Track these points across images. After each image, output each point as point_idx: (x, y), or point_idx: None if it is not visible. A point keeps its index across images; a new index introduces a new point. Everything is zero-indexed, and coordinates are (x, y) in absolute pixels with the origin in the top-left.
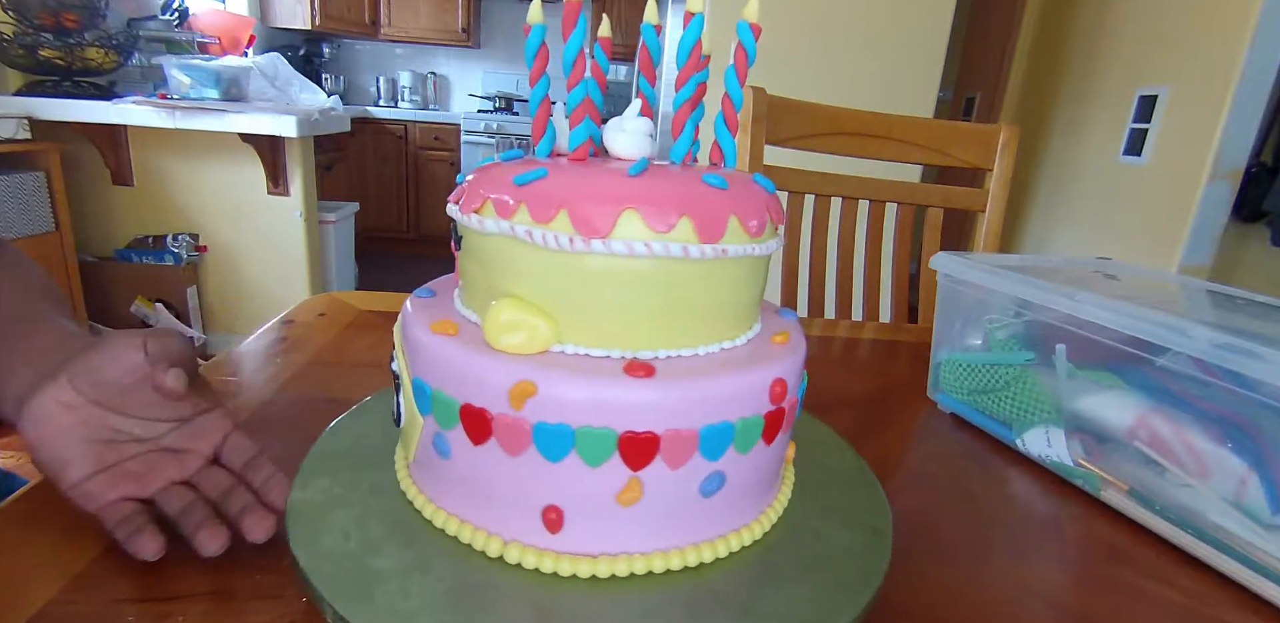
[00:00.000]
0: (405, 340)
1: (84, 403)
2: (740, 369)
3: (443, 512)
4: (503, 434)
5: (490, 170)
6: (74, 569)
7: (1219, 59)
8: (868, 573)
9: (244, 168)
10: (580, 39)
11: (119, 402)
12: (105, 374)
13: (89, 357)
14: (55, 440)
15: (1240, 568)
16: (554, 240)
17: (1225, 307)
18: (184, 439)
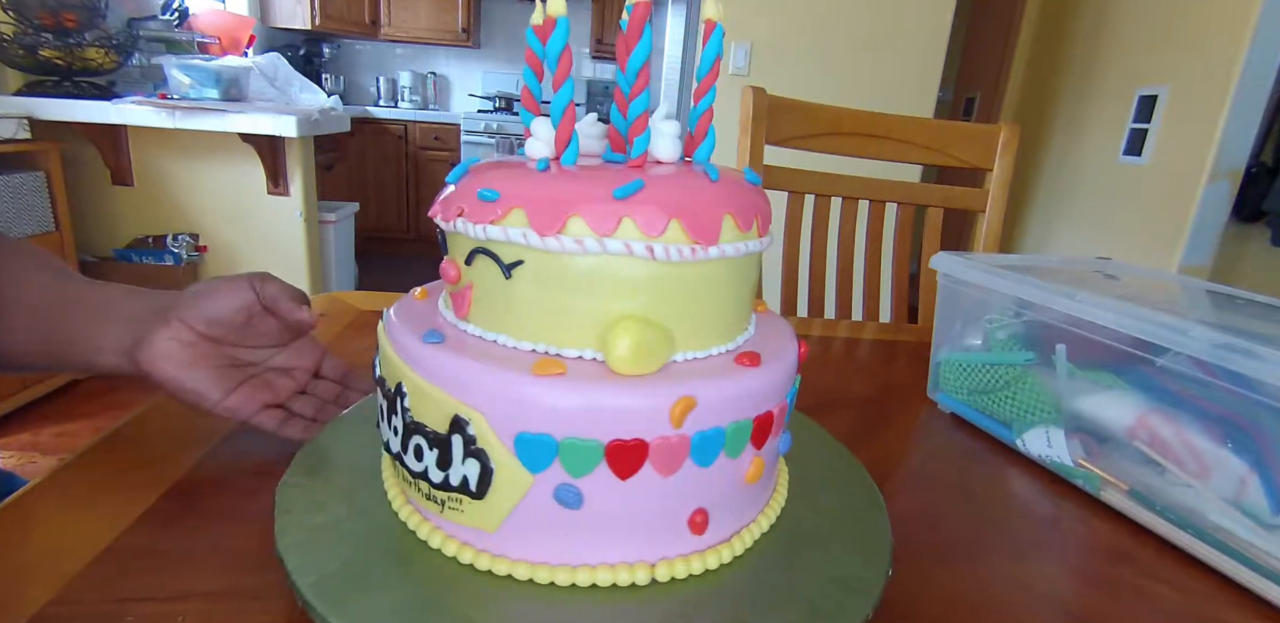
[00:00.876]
0: (495, 402)
1: (198, 339)
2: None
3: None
4: (659, 457)
5: (553, 185)
6: (74, 569)
7: (1219, 59)
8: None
9: (244, 168)
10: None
11: (232, 335)
12: (219, 313)
13: (198, 300)
14: (184, 372)
15: (1240, 568)
16: (668, 252)
17: (1225, 307)
18: (290, 359)
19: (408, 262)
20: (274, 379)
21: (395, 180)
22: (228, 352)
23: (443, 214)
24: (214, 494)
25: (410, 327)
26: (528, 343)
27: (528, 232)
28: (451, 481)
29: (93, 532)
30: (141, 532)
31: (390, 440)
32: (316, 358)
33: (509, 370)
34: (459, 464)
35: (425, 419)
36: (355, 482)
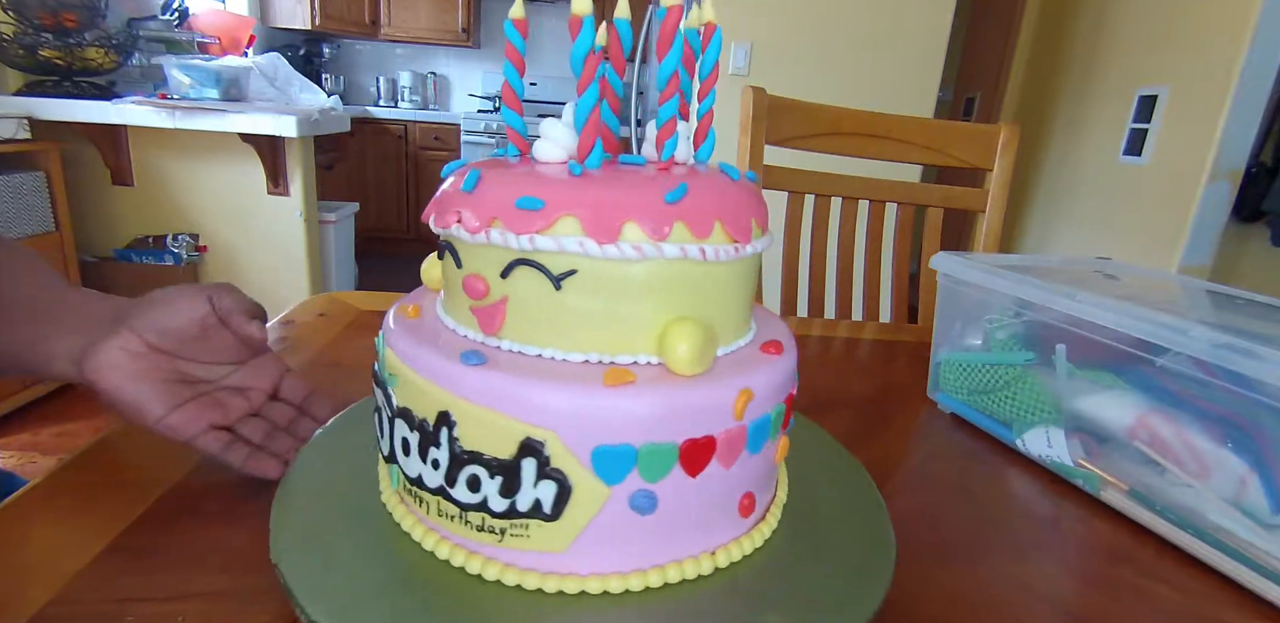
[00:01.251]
0: (569, 418)
1: (148, 350)
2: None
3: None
4: (724, 450)
5: (601, 191)
6: (74, 569)
7: (1219, 59)
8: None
9: (244, 168)
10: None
11: (184, 349)
12: (171, 324)
13: (152, 310)
14: (128, 384)
15: (1240, 568)
16: (717, 253)
17: (1225, 307)
18: (246, 379)
19: (408, 262)
20: (225, 399)
21: (395, 180)
22: (179, 366)
23: (465, 225)
24: (213, 495)
25: (434, 350)
26: (578, 354)
27: (584, 240)
28: (519, 507)
29: (93, 532)
30: (141, 532)
31: (424, 476)
32: (275, 378)
33: (579, 384)
34: (529, 488)
35: (483, 448)
36: (353, 523)
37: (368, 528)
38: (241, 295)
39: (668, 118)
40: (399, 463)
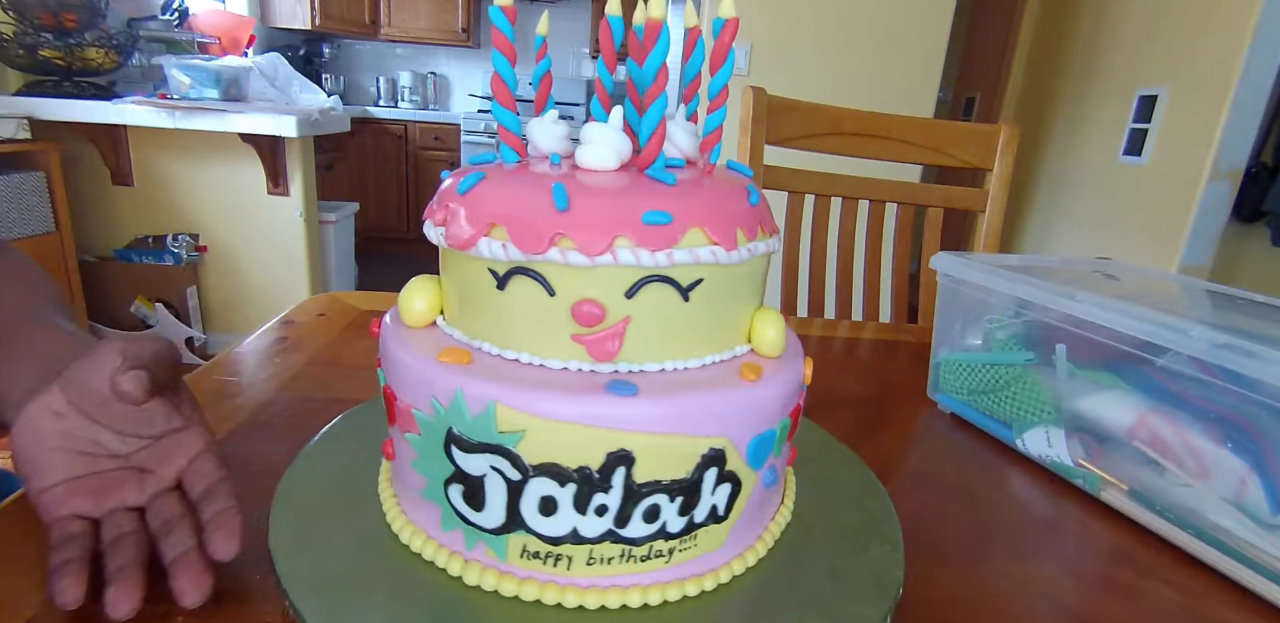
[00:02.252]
0: (741, 421)
1: (73, 412)
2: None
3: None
4: (800, 412)
5: (707, 199)
6: None
7: (1219, 59)
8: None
9: (244, 168)
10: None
11: (100, 412)
12: (89, 383)
13: (78, 364)
14: (34, 447)
15: (1240, 568)
16: (767, 248)
17: (1225, 307)
18: (152, 459)
19: (408, 262)
20: (119, 481)
21: (395, 180)
22: (95, 436)
23: (581, 249)
24: None
25: (565, 393)
26: (699, 359)
27: (715, 249)
28: (696, 518)
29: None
30: None
31: (579, 529)
32: (182, 463)
33: (736, 386)
34: (708, 497)
35: (663, 474)
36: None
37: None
38: (150, 346)
39: (715, 125)
40: (527, 529)
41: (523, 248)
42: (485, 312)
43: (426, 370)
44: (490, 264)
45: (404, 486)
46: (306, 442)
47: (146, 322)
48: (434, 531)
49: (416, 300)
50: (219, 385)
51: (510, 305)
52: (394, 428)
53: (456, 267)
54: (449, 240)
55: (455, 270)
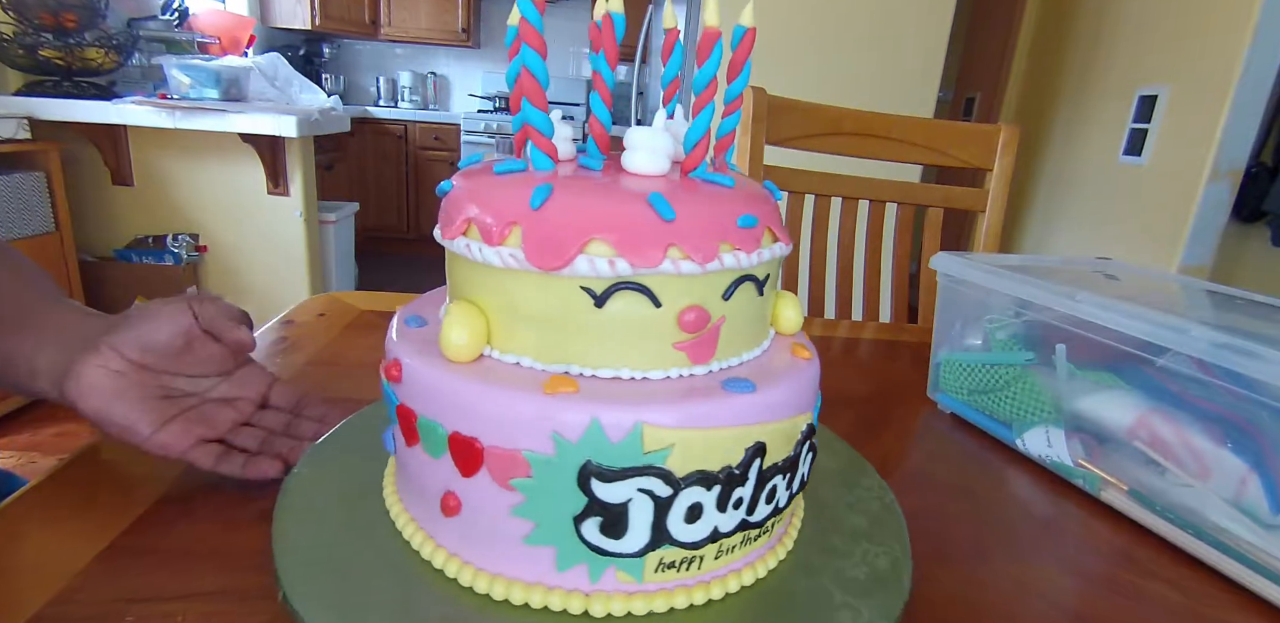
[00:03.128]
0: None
1: (130, 367)
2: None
3: None
4: None
5: (759, 200)
6: (74, 569)
7: (1219, 59)
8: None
9: (244, 168)
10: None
11: (168, 363)
12: (155, 339)
13: (134, 326)
14: (110, 405)
15: (1240, 568)
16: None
17: (1225, 307)
18: (233, 390)
19: (408, 262)
20: (213, 411)
21: (395, 180)
22: (163, 382)
23: (692, 257)
24: (213, 494)
25: (699, 400)
26: (759, 348)
27: (780, 245)
28: (793, 489)
29: (93, 532)
30: (141, 532)
31: (720, 526)
32: (263, 387)
33: (808, 364)
34: (803, 467)
35: (779, 457)
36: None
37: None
38: (224, 304)
39: (729, 129)
40: (671, 542)
41: (633, 262)
42: (577, 332)
43: (538, 407)
44: (586, 282)
45: (487, 539)
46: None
47: None
48: (545, 575)
49: (464, 333)
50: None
51: (610, 322)
52: (471, 480)
53: (532, 289)
54: (533, 261)
55: (529, 293)
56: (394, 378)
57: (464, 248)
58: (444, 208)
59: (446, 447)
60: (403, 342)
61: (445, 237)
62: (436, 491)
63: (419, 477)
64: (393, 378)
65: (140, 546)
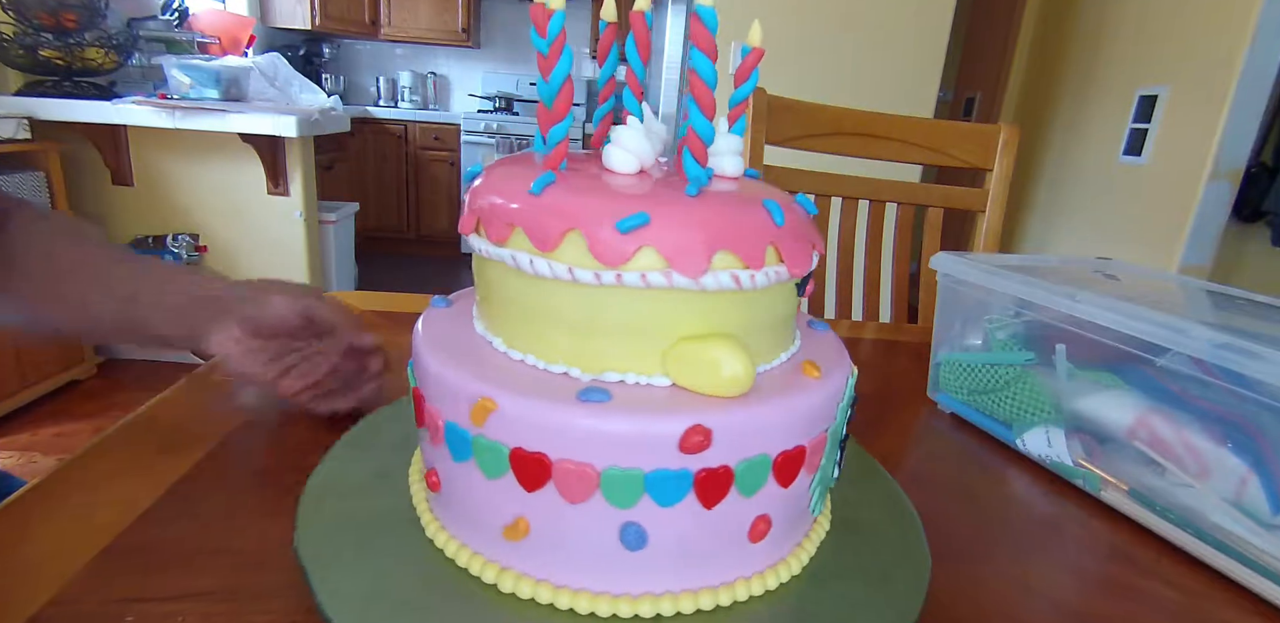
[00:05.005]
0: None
1: (248, 339)
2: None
3: None
4: None
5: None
6: (74, 569)
7: (1219, 59)
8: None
9: (244, 168)
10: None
11: (275, 340)
12: (269, 324)
13: (253, 309)
14: (239, 363)
15: (1240, 568)
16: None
17: (1225, 307)
18: (326, 346)
19: (408, 262)
20: (312, 363)
21: (395, 180)
22: (270, 346)
23: (818, 251)
24: (214, 494)
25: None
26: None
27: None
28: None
29: (93, 532)
30: (141, 532)
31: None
32: (343, 344)
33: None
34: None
35: None
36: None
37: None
38: (334, 306)
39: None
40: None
41: (799, 270)
42: (777, 336)
43: None
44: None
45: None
46: (306, 442)
47: None
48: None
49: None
50: (219, 386)
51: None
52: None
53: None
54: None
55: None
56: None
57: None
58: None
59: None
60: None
61: (614, 263)
62: (601, 530)
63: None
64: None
65: (140, 546)
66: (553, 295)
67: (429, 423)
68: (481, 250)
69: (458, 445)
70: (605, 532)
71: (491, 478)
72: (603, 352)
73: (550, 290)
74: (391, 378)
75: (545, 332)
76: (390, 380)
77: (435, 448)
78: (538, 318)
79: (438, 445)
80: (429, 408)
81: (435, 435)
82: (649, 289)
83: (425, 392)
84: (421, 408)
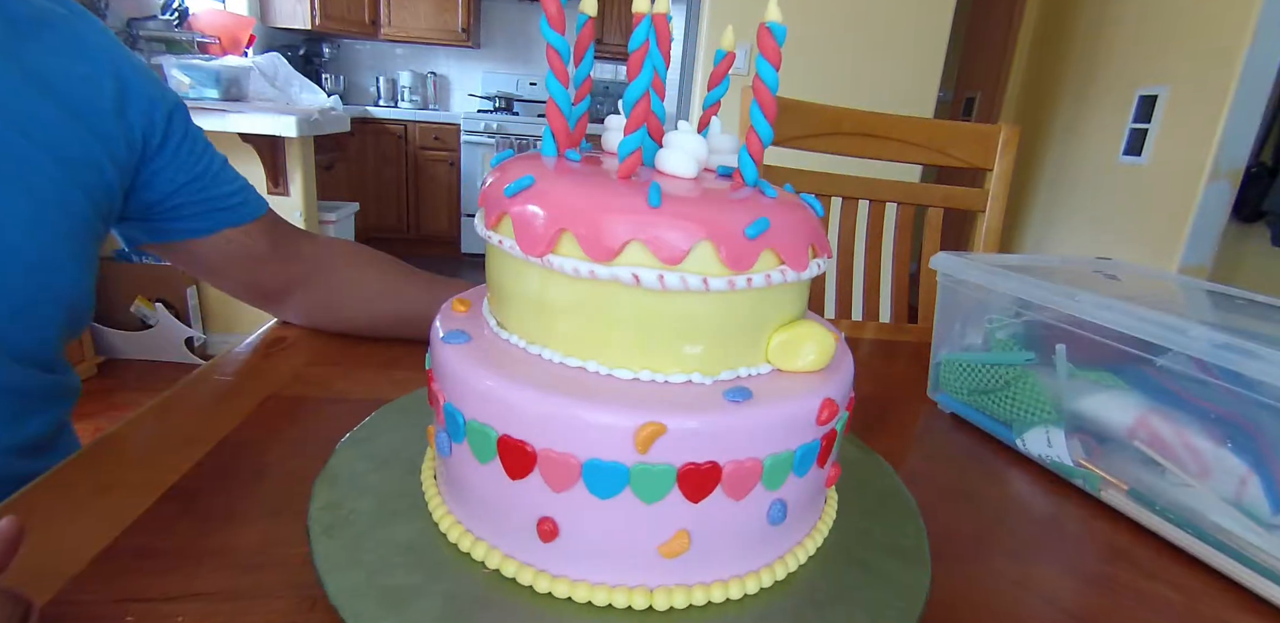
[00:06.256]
0: None
1: None
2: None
3: None
4: None
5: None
6: (74, 569)
7: (1219, 59)
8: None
9: (244, 168)
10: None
11: None
12: None
13: None
14: None
15: (1240, 568)
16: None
17: (1225, 307)
18: None
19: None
20: None
21: (395, 180)
22: None
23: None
24: (213, 495)
25: None
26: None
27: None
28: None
29: (93, 532)
30: (141, 532)
31: None
32: None
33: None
34: None
35: None
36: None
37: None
38: None
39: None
40: None
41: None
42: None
43: None
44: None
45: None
46: (305, 442)
47: (146, 322)
48: None
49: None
50: (219, 386)
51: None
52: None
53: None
54: None
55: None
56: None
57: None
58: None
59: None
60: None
61: (743, 269)
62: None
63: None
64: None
65: (140, 546)
66: (684, 305)
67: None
68: (578, 270)
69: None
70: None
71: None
72: (721, 352)
73: (682, 301)
74: None
75: (675, 343)
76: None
77: None
78: (668, 331)
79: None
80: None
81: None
82: (769, 288)
83: None
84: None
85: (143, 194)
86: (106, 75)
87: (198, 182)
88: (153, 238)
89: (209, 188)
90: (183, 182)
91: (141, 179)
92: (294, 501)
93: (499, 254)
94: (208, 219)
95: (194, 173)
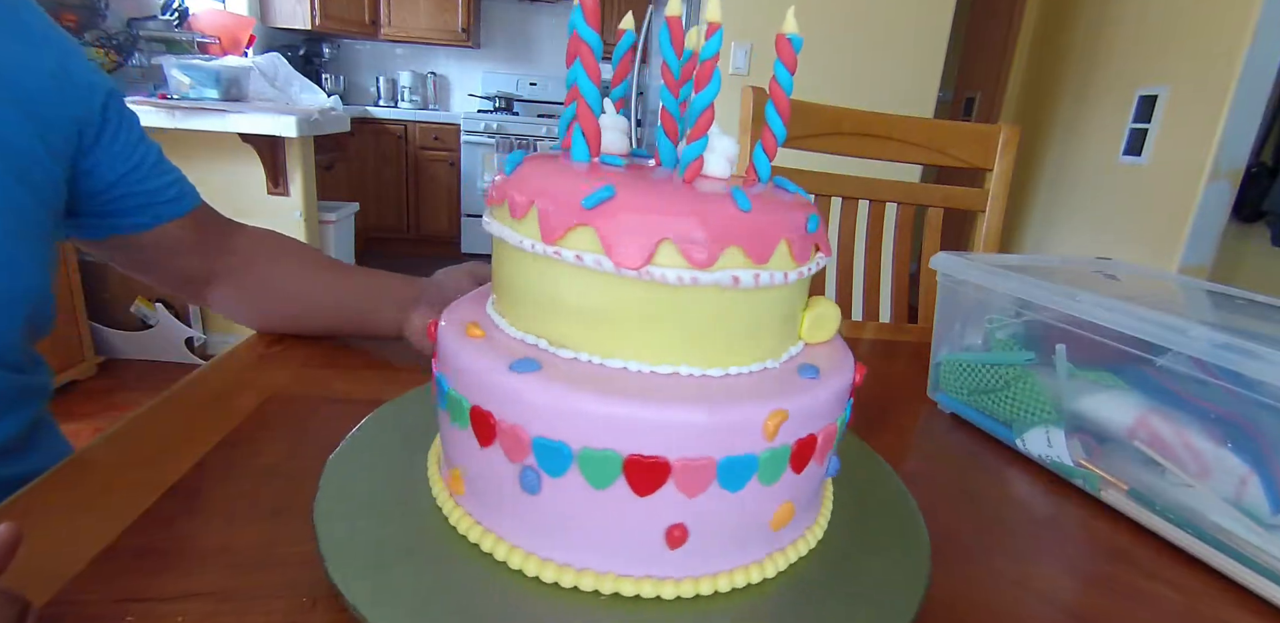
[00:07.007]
0: None
1: (436, 315)
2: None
3: None
4: None
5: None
6: (74, 569)
7: (1219, 59)
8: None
9: (244, 168)
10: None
11: None
12: (450, 296)
13: (435, 289)
14: (428, 343)
15: (1240, 568)
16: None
17: (1225, 307)
18: None
19: (408, 262)
20: None
21: (395, 180)
22: None
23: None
24: (213, 495)
25: None
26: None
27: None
28: None
29: (93, 532)
30: (141, 532)
31: None
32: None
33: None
34: None
35: None
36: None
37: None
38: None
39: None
40: None
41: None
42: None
43: None
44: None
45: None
46: (306, 442)
47: (146, 322)
48: None
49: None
50: (219, 386)
51: None
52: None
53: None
54: None
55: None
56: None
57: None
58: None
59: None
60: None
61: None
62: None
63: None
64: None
65: (140, 546)
66: (767, 298)
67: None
68: (681, 278)
69: None
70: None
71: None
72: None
73: (766, 295)
74: None
75: (756, 334)
76: None
77: None
78: (749, 324)
79: None
80: None
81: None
82: (806, 278)
83: None
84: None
85: (83, 184)
86: (46, 58)
87: (136, 172)
88: (96, 234)
89: (148, 179)
90: (122, 171)
91: (82, 169)
92: (294, 500)
93: (571, 270)
94: (149, 212)
95: (132, 162)
